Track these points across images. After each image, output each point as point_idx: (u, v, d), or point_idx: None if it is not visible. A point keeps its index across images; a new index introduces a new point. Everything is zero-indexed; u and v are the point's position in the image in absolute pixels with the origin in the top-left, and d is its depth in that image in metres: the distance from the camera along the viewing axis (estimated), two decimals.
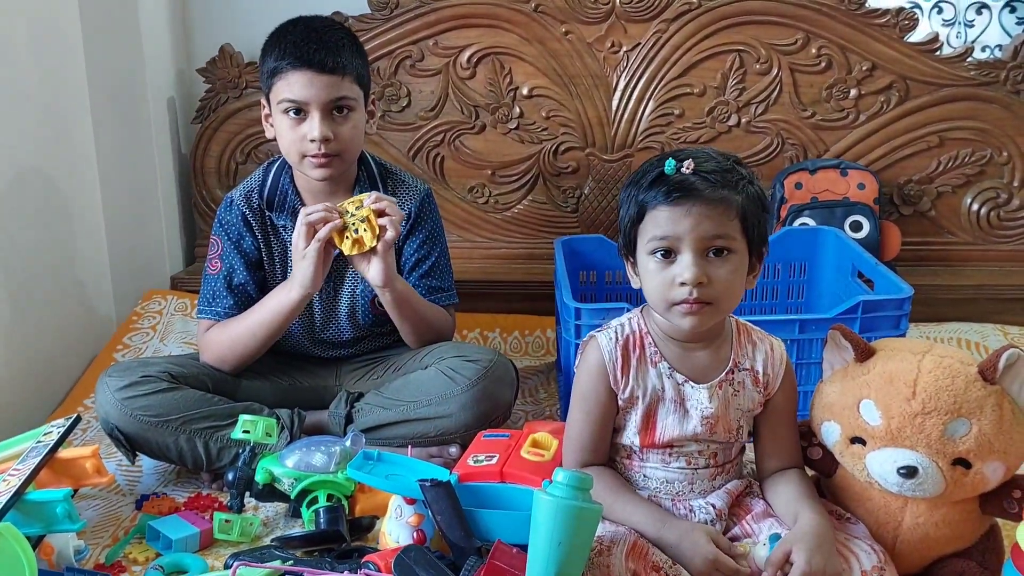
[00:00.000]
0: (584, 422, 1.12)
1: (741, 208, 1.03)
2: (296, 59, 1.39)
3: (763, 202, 1.07)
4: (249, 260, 1.51)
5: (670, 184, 1.03)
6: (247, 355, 1.48)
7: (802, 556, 0.98)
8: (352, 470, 1.16)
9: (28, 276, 1.72)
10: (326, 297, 1.54)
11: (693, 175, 1.03)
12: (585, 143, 2.09)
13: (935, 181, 2.08)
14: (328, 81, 1.39)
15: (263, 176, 1.53)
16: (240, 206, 1.51)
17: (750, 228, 1.04)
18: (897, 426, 1.02)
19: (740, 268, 1.05)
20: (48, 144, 1.80)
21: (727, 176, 1.03)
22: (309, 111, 1.40)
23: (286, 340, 1.58)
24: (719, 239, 1.03)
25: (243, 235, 1.50)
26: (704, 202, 1.02)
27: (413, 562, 0.82)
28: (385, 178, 1.55)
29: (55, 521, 1.10)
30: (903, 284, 1.52)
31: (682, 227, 1.02)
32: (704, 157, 1.06)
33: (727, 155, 1.08)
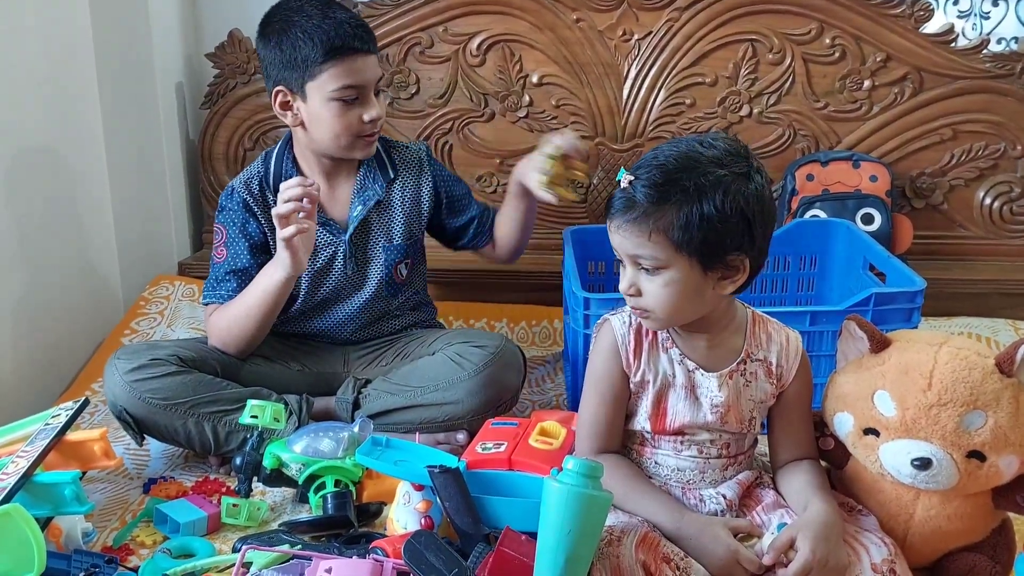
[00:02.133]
0: (598, 405, 1.11)
1: (671, 225, 0.99)
2: (344, 46, 1.39)
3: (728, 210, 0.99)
4: (254, 244, 1.51)
5: (614, 197, 1.05)
6: (245, 336, 1.47)
7: (806, 544, 0.98)
8: (361, 456, 1.16)
9: (37, 261, 1.72)
10: (352, 272, 1.55)
11: (632, 188, 1.02)
12: (595, 132, 2.08)
13: (948, 174, 2.06)
14: (374, 61, 1.44)
15: (263, 164, 1.54)
16: (240, 193, 1.51)
17: (689, 242, 0.99)
18: (912, 417, 1.01)
19: (678, 282, 1.02)
20: (57, 129, 1.80)
21: (665, 190, 0.99)
22: (365, 93, 1.42)
23: (306, 323, 1.58)
24: (640, 258, 1.03)
25: (247, 220, 1.51)
26: (624, 222, 1.02)
27: (423, 547, 0.81)
28: (388, 149, 1.58)
29: (63, 503, 1.10)
30: (916, 277, 1.50)
31: (615, 242, 1.05)
32: (651, 167, 1.02)
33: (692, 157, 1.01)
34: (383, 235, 1.55)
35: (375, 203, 1.53)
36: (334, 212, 1.53)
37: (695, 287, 1.03)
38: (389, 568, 0.97)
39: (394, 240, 1.55)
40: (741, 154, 1.03)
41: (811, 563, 0.97)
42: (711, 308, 1.07)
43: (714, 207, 0.99)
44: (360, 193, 1.53)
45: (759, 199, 1.01)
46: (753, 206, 1.01)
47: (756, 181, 1.02)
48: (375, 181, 1.53)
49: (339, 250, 1.53)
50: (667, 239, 1.00)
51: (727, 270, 1.03)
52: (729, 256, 1.02)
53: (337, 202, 1.54)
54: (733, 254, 1.02)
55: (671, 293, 1.03)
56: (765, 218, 1.03)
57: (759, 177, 1.03)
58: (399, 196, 1.56)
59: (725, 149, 1.02)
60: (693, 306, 1.05)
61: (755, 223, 1.01)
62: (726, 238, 1.00)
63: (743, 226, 1.00)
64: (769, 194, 1.04)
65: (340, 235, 1.53)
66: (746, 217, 1.00)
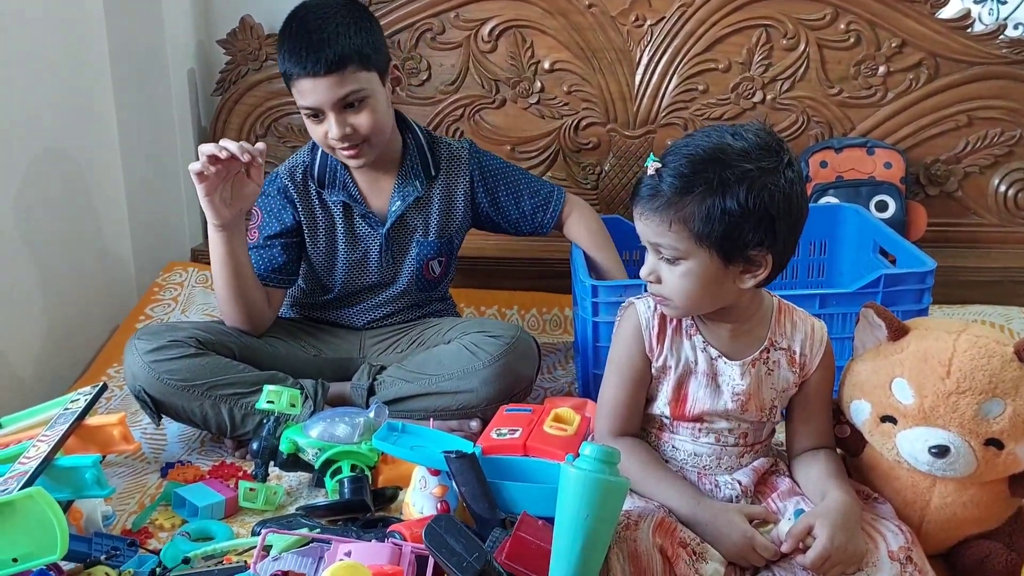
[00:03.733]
0: (618, 388, 1.12)
1: (692, 216, 0.98)
2: (297, 66, 1.39)
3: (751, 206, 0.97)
4: (284, 228, 1.53)
5: (639, 183, 1.04)
6: (228, 304, 1.48)
7: (825, 532, 0.98)
8: (377, 441, 1.17)
9: (50, 248, 1.73)
10: (387, 265, 1.57)
11: (658, 176, 1.01)
12: (607, 119, 2.07)
13: (963, 161, 2.04)
14: (331, 82, 1.38)
15: (311, 154, 1.55)
16: (283, 179, 1.54)
17: (709, 235, 0.99)
18: (930, 405, 1.01)
19: (697, 273, 1.01)
20: (70, 116, 1.80)
21: (689, 181, 0.99)
22: (323, 112, 1.41)
23: (336, 312, 1.61)
24: (660, 247, 1.03)
25: (283, 207, 1.53)
26: (648, 209, 1.02)
27: (443, 531, 0.82)
28: (433, 146, 1.57)
29: (84, 486, 1.11)
30: (926, 258, 1.50)
31: (639, 228, 1.05)
32: (680, 155, 1.01)
33: (721, 148, 0.99)
34: (420, 231, 1.57)
35: (414, 199, 1.54)
36: (374, 205, 1.55)
37: (714, 279, 1.02)
38: (407, 551, 0.97)
39: (429, 236, 1.57)
40: (772, 148, 1.01)
41: (829, 551, 0.97)
42: (732, 300, 1.06)
43: (736, 202, 0.98)
44: (401, 188, 1.54)
45: (786, 195, 0.99)
46: (779, 202, 0.99)
47: (785, 176, 0.99)
48: (416, 177, 1.54)
49: (376, 242, 1.55)
50: (687, 230, 1.00)
51: (748, 264, 1.02)
52: (751, 251, 1.01)
53: (378, 195, 1.55)
54: (755, 249, 1.01)
55: (690, 283, 1.02)
56: (791, 215, 1.01)
57: (790, 172, 1.00)
58: (438, 194, 1.56)
59: (756, 142, 1.00)
60: (712, 297, 1.05)
61: (779, 219, 0.99)
62: (748, 233, 0.99)
63: (766, 222, 0.99)
64: (800, 190, 1.02)
65: (378, 228, 1.54)
66: (770, 213, 0.99)
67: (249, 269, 1.47)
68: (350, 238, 1.56)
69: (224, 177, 1.35)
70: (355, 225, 1.55)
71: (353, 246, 1.56)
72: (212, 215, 1.38)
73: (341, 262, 1.57)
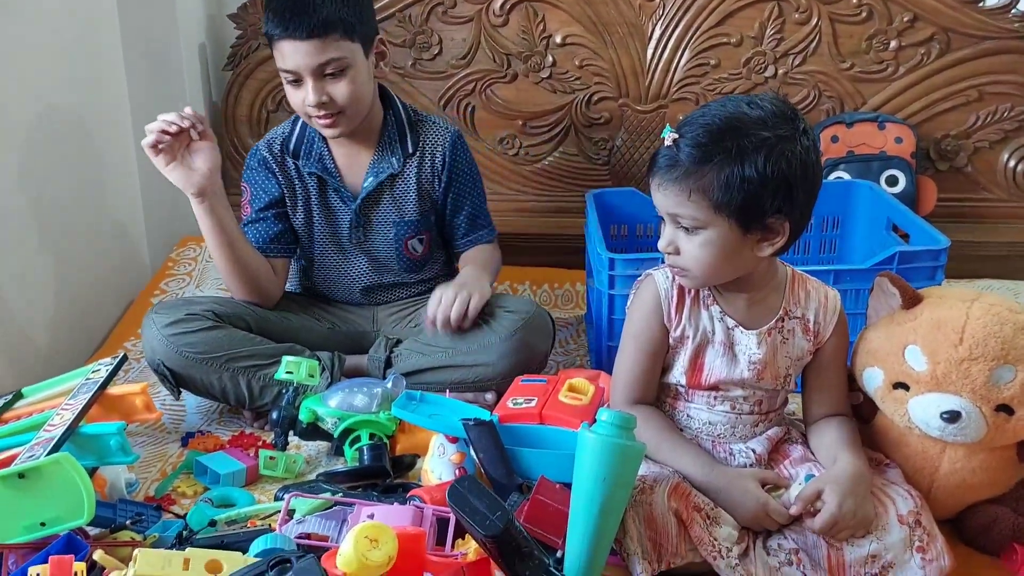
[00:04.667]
0: (635, 358, 1.13)
1: (711, 185, 0.99)
2: (280, 27, 1.38)
3: (770, 173, 0.98)
4: (272, 199, 1.55)
5: (656, 154, 1.05)
6: (229, 276, 1.49)
7: (834, 498, 1.00)
8: (397, 409, 1.19)
9: (64, 223, 1.74)
10: (358, 241, 1.56)
11: (676, 147, 1.02)
12: (619, 93, 2.07)
13: (973, 136, 2.04)
14: (312, 47, 1.37)
15: (291, 126, 1.56)
16: (262, 151, 1.55)
17: (729, 204, 0.99)
18: (943, 371, 1.03)
19: (716, 242, 1.02)
20: (82, 91, 1.80)
21: (707, 150, 0.99)
22: (302, 77, 1.40)
23: (324, 283, 1.61)
24: (679, 217, 1.03)
25: (267, 178, 1.55)
26: (666, 180, 1.03)
27: (467, 491, 0.84)
28: (415, 124, 1.56)
29: (109, 453, 1.13)
30: (940, 235, 1.51)
31: (656, 199, 1.06)
32: (696, 125, 1.02)
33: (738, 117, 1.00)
34: (394, 209, 1.56)
35: (388, 176, 1.53)
36: (349, 179, 1.55)
37: (733, 248, 1.03)
38: (429, 514, 0.99)
39: (406, 215, 1.56)
40: (788, 116, 1.02)
41: (837, 516, 0.99)
42: (750, 269, 1.08)
43: (755, 169, 0.99)
44: (376, 164, 1.53)
45: (803, 163, 1.00)
46: (796, 169, 1.00)
47: (801, 144, 1.01)
48: (393, 154, 1.53)
49: (347, 217, 1.55)
50: (707, 199, 1.01)
51: (766, 232, 1.03)
52: (769, 219, 1.02)
53: (353, 170, 1.55)
54: (773, 217, 1.02)
55: (709, 253, 1.03)
56: (808, 182, 1.02)
57: (805, 140, 1.01)
58: (415, 172, 1.55)
59: (772, 111, 1.01)
60: (731, 267, 1.06)
61: (797, 187, 1.00)
62: (766, 201, 1.00)
63: (784, 189, 1.00)
64: (815, 158, 1.03)
65: (350, 203, 1.54)
66: (788, 180, 1.00)
67: (241, 238, 1.48)
68: (324, 211, 1.56)
69: (177, 149, 1.37)
70: (329, 199, 1.56)
71: (327, 220, 1.56)
72: (185, 184, 1.39)
73: (317, 235, 1.57)
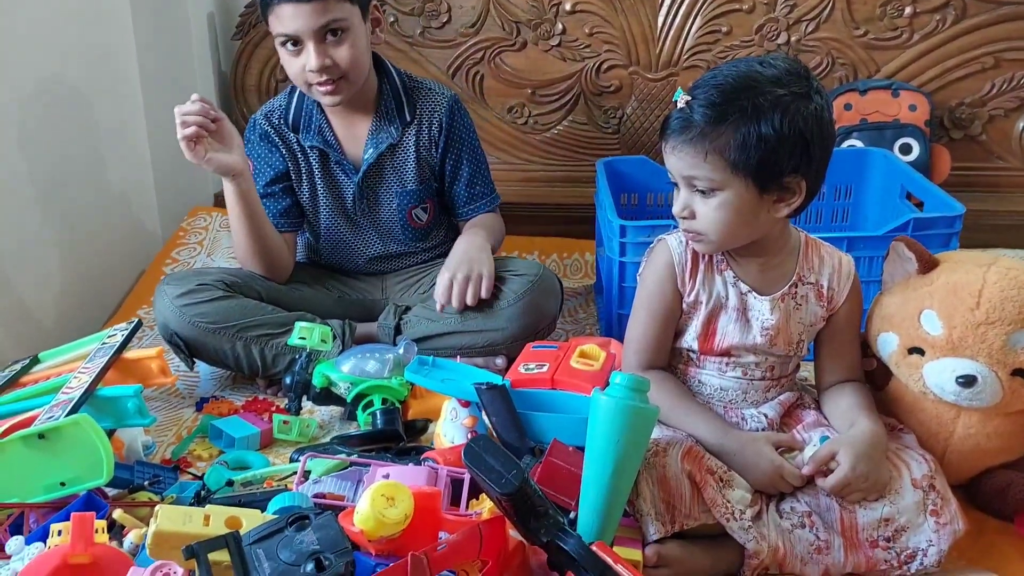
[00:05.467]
0: (648, 323, 1.13)
1: (727, 145, 0.99)
2: None
3: (786, 131, 0.98)
4: (277, 174, 1.54)
5: (668, 118, 1.04)
6: (247, 251, 1.49)
7: (847, 459, 1.00)
8: (409, 374, 1.19)
9: (75, 193, 1.74)
10: (363, 213, 1.56)
11: (689, 108, 1.01)
12: (629, 61, 2.05)
13: (988, 104, 2.02)
14: (313, 9, 1.35)
15: (288, 98, 1.54)
16: (261, 124, 1.53)
17: (746, 163, 0.99)
18: (959, 336, 1.02)
19: (733, 204, 1.02)
20: (91, 61, 1.80)
21: (722, 110, 0.99)
22: (303, 41, 1.38)
23: (332, 255, 1.61)
24: (695, 179, 1.03)
25: (269, 151, 1.53)
26: (680, 142, 1.02)
27: (482, 450, 0.84)
28: (410, 90, 1.54)
29: (126, 416, 1.14)
30: (955, 202, 1.50)
31: (670, 163, 1.05)
32: (709, 87, 1.01)
33: (751, 76, 1.00)
34: (396, 179, 1.55)
35: (388, 146, 1.52)
36: (349, 151, 1.54)
37: (750, 209, 1.03)
38: (443, 474, 1.00)
39: (407, 185, 1.55)
40: (802, 74, 1.01)
41: (850, 478, 1.00)
42: (765, 232, 1.07)
43: (772, 127, 0.98)
44: (374, 135, 1.52)
45: (818, 120, 1.00)
46: (812, 126, 0.99)
47: (816, 102, 1.00)
48: (391, 123, 1.52)
49: (350, 191, 1.55)
50: (723, 160, 1.00)
51: (783, 192, 1.03)
52: (785, 178, 1.01)
53: (353, 142, 1.54)
54: (790, 176, 1.01)
55: (725, 215, 1.03)
56: (824, 139, 1.01)
57: (819, 98, 1.01)
58: (414, 140, 1.53)
59: (785, 69, 1.01)
60: (747, 229, 1.05)
61: (813, 144, 1.00)
62: (783, 159, 1.00)
63: (801, 147, 0.99)
64: (829, 116, 1.02)
65: (352, 176, 1.53)
66: (804, 138, 0.99)
67: (263, 213, 1.48)
68: (328, 185, 1.55)
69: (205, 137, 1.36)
70: (332, 172, 1.55)
71: (331, 193, 1.55)
72: (225, 168, 1.38)
73: (322, 208, 1.56)
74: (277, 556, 0.80)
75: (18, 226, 1.58)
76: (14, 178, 1.57)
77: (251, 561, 0.79)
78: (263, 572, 0.78)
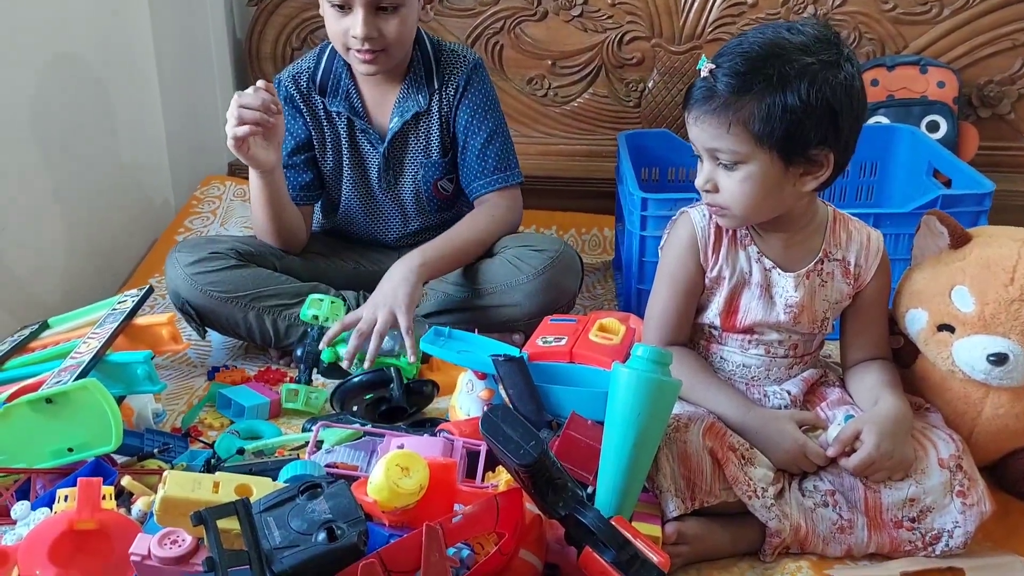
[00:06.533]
0: (669, 298, 1.10)
1: (752, 116, 0.95)
2: None
3: (813, 101, 0.94)
4: (298, 142, 1.50)
5: (691, 87, 1.01)
6: (266, 229, 1.46)
7: (872, 438, 0.97)
8: (426, 344, 1.17)
9: (88, 160, 1.73)
10: (387, 186, 1.53)
11: (713, 77, 0.97)
12: (651, 33, 2.00)
13: (1017, 83, 1.97)
14: None
15: (316, 59, 1.50)
16: (287, 87, 1.49)
17: (771, 135, 0.95)
18: (992, 312, 0.99)
19: (757, 177, 0.98)
20: (105, 29, 1.77)
21: (747, 79, 0.95)
22: (353, 5, 1.34)
23: (350, 226, 1.58)
24: (718, 152, 0.99)
25: (292, 115, 1.49)
26: (703, 112, 0.98)
27: (500, 420, 0.82)
28: (438, 55, 1.49)
29: (136, 382, 1.13)
30: (984, 179, 1.46)
31: (693, 135, 1.02)
32: (734, 54, 0.97)
33: (778, 44, 0.96)
34: (421, 150, 1.50)
35: (413, 115, 1.48)
36: (376, 120, 1.50)
37: (775, 183, 0.99)
38: (459, 446, 0.98)
39: (432, 155, 1.51)
40: (832, 40, 0.97)
41: (874, 457, 0.97)
42: (791, 206, 1.04)
43: (798, 97, 0.94)
44: (401, 103, 1.48)
45: (847, 89, 0.96)
46: (840, 97, 0.96)
47: (846, 70, 0.96)
48: (419, 91, 1.47)
49: (375, 162, 1.51)
50: (747, 131, 0.96)
51: (810, 165, 0.99)
52: (812, 150, 0.98)
53: (380, 109, 1.50)
54: (817, 148, 0.98)
55: (750, 189, 1.00)
56: (854, 110, 0.98)
57: (849, 66, 0.97)
58: (438, 107, 1.48)
59: (814, 35, 0.97)
60: (772, 203, 1.02)
61: (842, 115, 0.96)
62: (810, 131, 0.96)
63: (829, 118, 0.96)
64: (860, 84, 0.98)
65: (378, 146, 1.50)
66: (832, 108, 0.95)
67: (286, 195, 1.44)
68: (354, 154, 1.51)
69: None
70: (358, 141, 1.51)
71: (356, 163, 1.51)
72: (261, 164, 1.34)
73: (346, 178, 1.52)
74: (288, 525, 0.78)
75: (31, 193, 1.56)
76: (27, 144, 1.55)
77: (261, 529, 0.77)
78: (273, 540, 0.76)
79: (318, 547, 0.76)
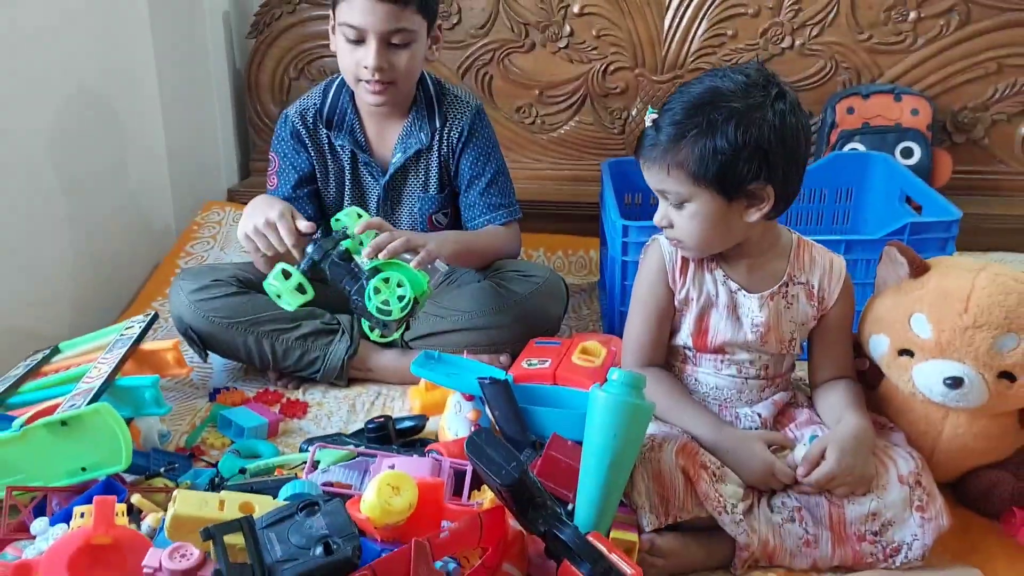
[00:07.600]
0: (643, 322, 1.17)
1: (687, 160, 1.03)
2: None
3: (741, 142, 1.01)
4: (302, 176, 1.56)
5: (642, 136, 1.09)
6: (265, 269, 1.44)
7: (834, 455, 1.03)
8: (416, 368, 1.23)
9: (91, 188, 1.78)
10: (385, 217, 1.58)
11: (656, 128, 1.06)
12: (635, 63, 2.08)
13: (990, 109, 2.05)
14: (389, 11, 1.38)
15: (323, 94, 1.56)
16: (294, 122, 1.55)
17: (706, 175, 1.03)
18: (947, 339, 1.05)
19: (703, 213, 1.06)
20: (108, 59, 1.83)
21: (682, 127, 1.03)
22: (367, 38, 1.40)
23: None
24: (665, 192, 1.08)
25: (297, 151, 1.55)
26: (648, 158, 1.07)
27: (484, 443, 0.88)
28: (441, 97, 1.57)
29: (143, 405, 1.19)
30: (951, 207, 1.52)
31: (645, 178, 1.10)
32: (675, 104, 1.05)
33: (712, 90, 1.04)
34: (420, 185, 1.57)
35: (415, 152, 1.54)
36: (378, 153, 1.56)
37: (720, 217, 1.07)
38: (447, 466, 1.04)
39: (430, 190, 1.57)
40: (759, 84, 1.04)
41: (835, 472, 1.03)
42: (744, 235, 1.11)
43: (726, 139, 1.02)
44: (404, 139, 1.54)
45: (776, 128, 1.02)
46: (768, 135, 1.02)
47: (775, 109, 1.03)
48: (421, 128, 1.54)
49: (375, 193, 1.58)
50: (685, 173, 1.04)
51: (751, 199, 1.06)
52: (749, 186, 1.04)
53: (383, 144, 1.56)
54: (753, 183, 1.04)
55: (698, 224, 1.07)
56: (786, 146, 1.03)
57: (780, 104, 1.03)
58: (438, 146, 1.55)
59: (744, 81, 1.04)
60: (722, 235, 1.09)
61: (772, 152, 1.02)
62: (742, 168, 1.03)
63: (760, 155, 1.02)
64: (794, 121, 1.04)
65: (379, 179, 1.56)
66: (761, 147, 1.02)
67: None
68: (355, 185, 1.58)
69: None
70: (359, 173, 1.57)
71: (357, 194, 1.58)
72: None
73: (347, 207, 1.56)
74: (288, 540, 0.84)
75: (36, 220, 1.62)
76: (33, 174, 1.61)
77: (264, 543, 0.83)
78: (275, 554, 0.82)
79: (316, 560, 0.82)
